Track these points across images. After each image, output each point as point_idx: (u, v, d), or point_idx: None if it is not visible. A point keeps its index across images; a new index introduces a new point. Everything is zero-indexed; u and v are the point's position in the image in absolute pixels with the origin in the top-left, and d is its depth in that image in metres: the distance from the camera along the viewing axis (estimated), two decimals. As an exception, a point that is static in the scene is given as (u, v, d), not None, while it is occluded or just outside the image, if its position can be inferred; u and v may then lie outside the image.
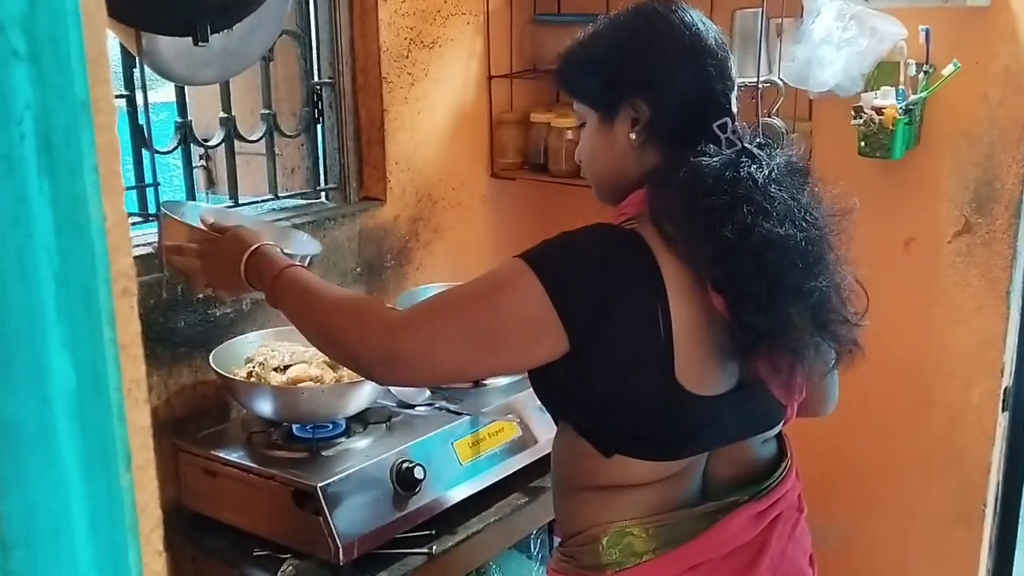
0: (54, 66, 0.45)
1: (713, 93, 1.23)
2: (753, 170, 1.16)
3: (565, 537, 1.32)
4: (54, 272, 0.47)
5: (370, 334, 1.19)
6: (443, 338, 1.16)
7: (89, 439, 0.49)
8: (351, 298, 1.32)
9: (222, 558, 1.64)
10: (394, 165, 2.24)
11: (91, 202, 0.47)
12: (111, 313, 0.49)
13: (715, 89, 1.23)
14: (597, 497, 1.25)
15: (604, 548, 1.24)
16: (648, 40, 1.23)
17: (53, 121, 0.45)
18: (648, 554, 1.23)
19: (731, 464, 1.29)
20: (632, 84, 1.24)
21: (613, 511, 1.24)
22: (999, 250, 2.09)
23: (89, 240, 0.47)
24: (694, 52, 1.22)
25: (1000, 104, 2.02)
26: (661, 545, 1.23)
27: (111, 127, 0.48)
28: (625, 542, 1.24)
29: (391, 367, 1.19)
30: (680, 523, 1.24)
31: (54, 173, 0.46)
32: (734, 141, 1.21)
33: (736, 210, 1.13)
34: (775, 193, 1.16)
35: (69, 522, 0.49)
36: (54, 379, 0.48)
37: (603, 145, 1.30)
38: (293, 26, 2.10)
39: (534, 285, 1.14)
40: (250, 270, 1.35)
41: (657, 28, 1.23)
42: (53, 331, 0.47)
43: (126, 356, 0.50)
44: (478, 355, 1.18)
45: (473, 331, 1.16)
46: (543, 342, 1.15)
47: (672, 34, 1.22)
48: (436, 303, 1.24)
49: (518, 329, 1.16)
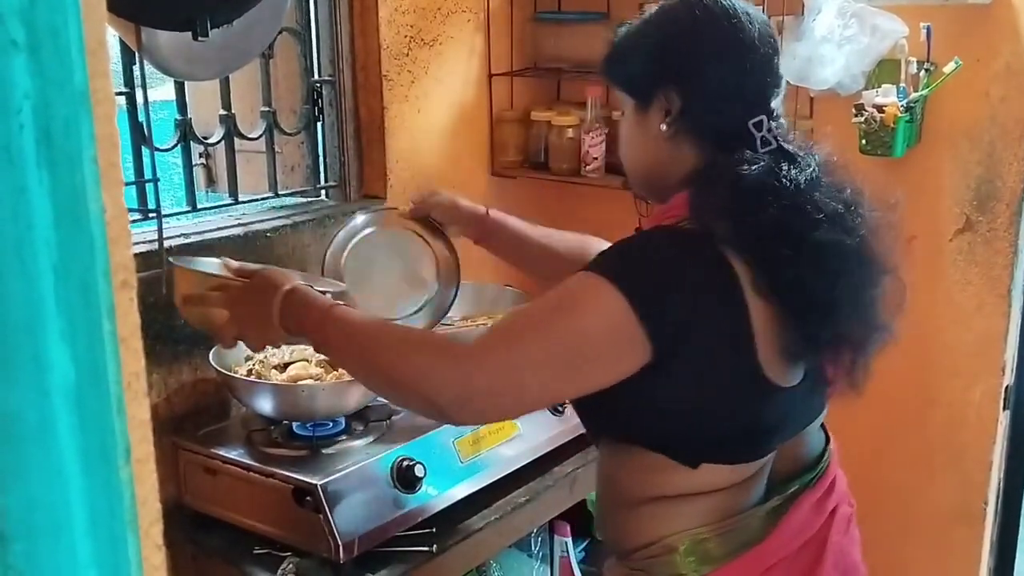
0: (53, 57, 0.45)
1: (749, 88, 1.19)
2: (795, 174, 1.14)
3: (628, 550, 1.26)
4: (53, 264, 0.46)
5: (441, 373, 1.10)
6: (523, 365, 1.09)
7: (88, 432, 0.49)
8: (413, 336, 1.22)
9: (222, 556, 1.64)
10: (394, 163, 2.24)
11: (90, 194, 0.47)
12: (111, 305, 0.48)
13: (751, 84, 1.19)
14: (671, 506, 1.21)
15: (681, 557, 1.20)
16: (685, 30, 1.20)
17: (52, 112, 0.45)
18: (724, 559, 1.21)
19: (790, 458, 1.28)
20: (666, 73, 1.21)
21: (688, 519, 1.21)
22: (1000, 248, 2.09)
23: (88, 232, 0.47)
24: (732, 44, 1.18)
25: (1001, 102, 2.02)
26: (735, 548, 1.21)
27: (110, 119, 0.48)
28: (701, 549, 1.20)
29: (470, 405, 1.10)
30: (750, 523, 1.22)
31: (53, 164, 0.45)
32: (769, 140, 1.18)
33: (784, 222, 1.11)
34: (819, 197, 1.13)
35: (68, 516, 0.49)
36: (53, 372, 0.47)
37: (638, 135, 1.26)
38: (293, 23, 2.09)
39: (613, 296, 1.08)
40: (286, 314, 1.23)
41: (696, 17, 1.19)
42: (52, 324, 0.47)
43: (126, 349, 0.50)
44: (562, 378, 1.11)
45: (554, 353, 1.09)
46: (627, 356, 1.10)
47: (712, 24, 1.18)
48: (508, 329, 1.15)
49: (601, 345, 1.10)
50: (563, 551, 2.22)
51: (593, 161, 2.40)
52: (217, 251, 1.86)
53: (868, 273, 1.16)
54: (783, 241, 1.10)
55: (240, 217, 2.02)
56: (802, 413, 1.26)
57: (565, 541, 2.22)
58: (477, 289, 2.20)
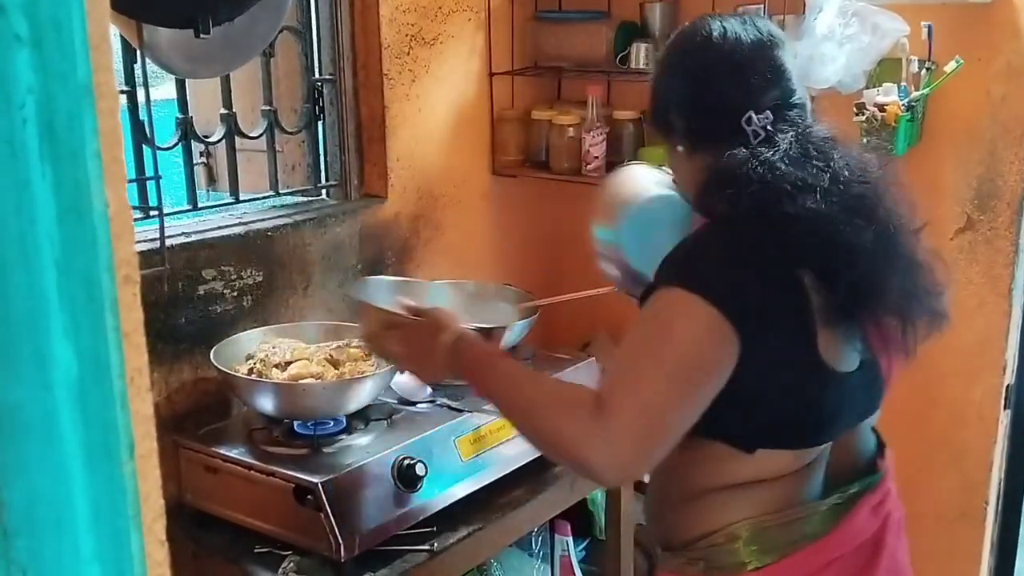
0: (56, 51, 0.45)
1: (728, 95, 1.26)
2: (770, 155, 1.19)
3: (687, 541, 1.28)
4: (56, 259, 0.46)
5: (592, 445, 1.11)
6: (650, 396, 1.12)
7: (91, 427, 0.49)
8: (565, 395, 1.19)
9: (223, 555, 1.64)
10: (395, 162, 2.24)
11: (93, 188, 0.47)
12: (114, 300, 0.48)
13: (731, 91, 1.26)
14: (730, 496, 1.24)
15: (743, 545, 1.24)
16: (675, 61, 1.32)
17: (55, 106, 0.45)
18: (785, 549, 1.24)
19: (846, 454, 1.31)
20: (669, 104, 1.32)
21: (749, 507, 1.24)
22: (1001, 247, 2.08)
23: (91, 227, 0.47)
24: (704, 64, 1.28)
25: (1002, 101, 2.02)
26: (796, 540, 1.24)
27: (113, 113, 0.48)
28: (764, 538, 1.24)
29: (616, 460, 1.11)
30: (812, 517, 1.25)
31: (56, 159, 0.45)
32: (759, 132, 1.24)
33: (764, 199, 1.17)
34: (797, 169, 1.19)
35: (71, 510, 0.49)
36: (56, 367, 0.47)
37: (677, 168, 1.37)
38: (294, 22, 2.09)
39: (695, 303, 1.13)
40: (452, 358, 1.30)
41: (671, 51, 1.33)
42: (55, 318, 0.47)
43: (128, 344, 0.50)
44: (687, 397, 1.14)
45: (673, 375, 1.12)
46: (728, 354, 1.14)
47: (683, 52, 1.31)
48: (623, 372, 1.17)
49: (708, 353, 1.13)
50: (564, 550, 2.22)
51: (594, 160, 2.39)
52: (217, 250, 1.86)
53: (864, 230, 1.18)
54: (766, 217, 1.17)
55: (241, 216, 2.02)
56: (858, 402, 1.29)
57: (566, 540, 2.22)
58: (478, 288, 2.20)
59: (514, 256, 2.63)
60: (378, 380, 1.68)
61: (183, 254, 1.80)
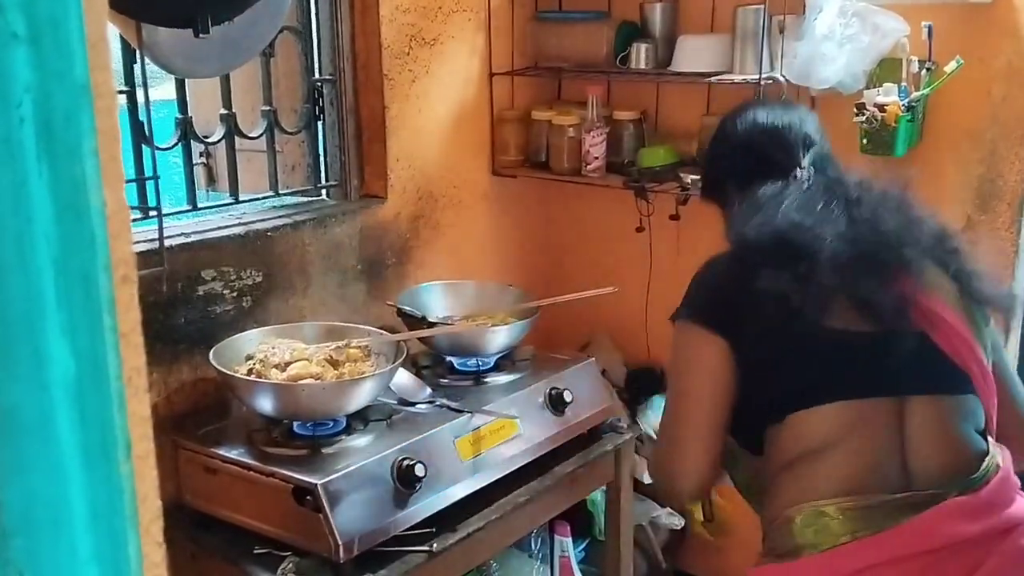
0: (54, 49, 0.45)
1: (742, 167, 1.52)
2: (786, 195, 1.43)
3: (765, 529, 1.39)
4: (54, 258, 0.46)
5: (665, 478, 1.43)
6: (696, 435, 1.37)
7: (88, 428, 0.48)
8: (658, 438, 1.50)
9: (222, 556, 1.63)
10: (395, 162, 2.23)
11: (91, 187, 0.46)
12: (111, 300, 0.48)
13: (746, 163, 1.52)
14: (786, 477, 1.33)
15: (798, 528, 1.28)
16: (714, 142, 1.61)
17: (53, 105, 0.45)
18: (845, 536, 1.25)
19: (935, 451, 1.31)
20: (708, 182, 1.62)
21: (806, 490, 1.29)
22: (1002, 248, 2.08)
23: (89, 226, 0.47)
24: (732, 146, 1.55)
25: (1003, 101, 2.01)
26: (859, 529, 1.25)
27: (111, 112, 0.48)
28: (821, 523, 1.27)
29: (678, 479, 1.40)
30: (879, 508, 1.26)
31: (54, 157, 0.45)
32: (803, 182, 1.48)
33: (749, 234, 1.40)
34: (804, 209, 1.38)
35: (69, 511, 0.49)
36: (53, 367, 0.47)
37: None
38: (294, 22, 2.09)
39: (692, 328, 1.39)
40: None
41: (724, 129, 1.59)
42: (52, 318, 0.47)
43: (126, 344, 0.50)
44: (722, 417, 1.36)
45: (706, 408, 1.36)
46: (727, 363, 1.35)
47: (735, 130, 1.55)
48: (669, 417, 1.44)
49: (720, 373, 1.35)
50: (563, 551, 2.22)
51: (594, 160, 2.39)
52: (217, 251, 1.86)
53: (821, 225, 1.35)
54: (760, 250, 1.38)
55: (240, 216, 2.02)
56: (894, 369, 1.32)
57: (565, 541, 2.22)
58: (479, 288, 2.20)
59: (514, 256, 2.63)
60: (377, 381, 1.67)
61: (183, 254, 1.80)
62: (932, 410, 1.32)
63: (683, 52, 2.31)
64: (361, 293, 2.17)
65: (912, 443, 1.31)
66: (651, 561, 2.43)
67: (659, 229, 2.47)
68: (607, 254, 2.65)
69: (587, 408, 1.99)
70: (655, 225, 2.47)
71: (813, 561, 1.27)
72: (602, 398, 2.06)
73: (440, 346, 1.98)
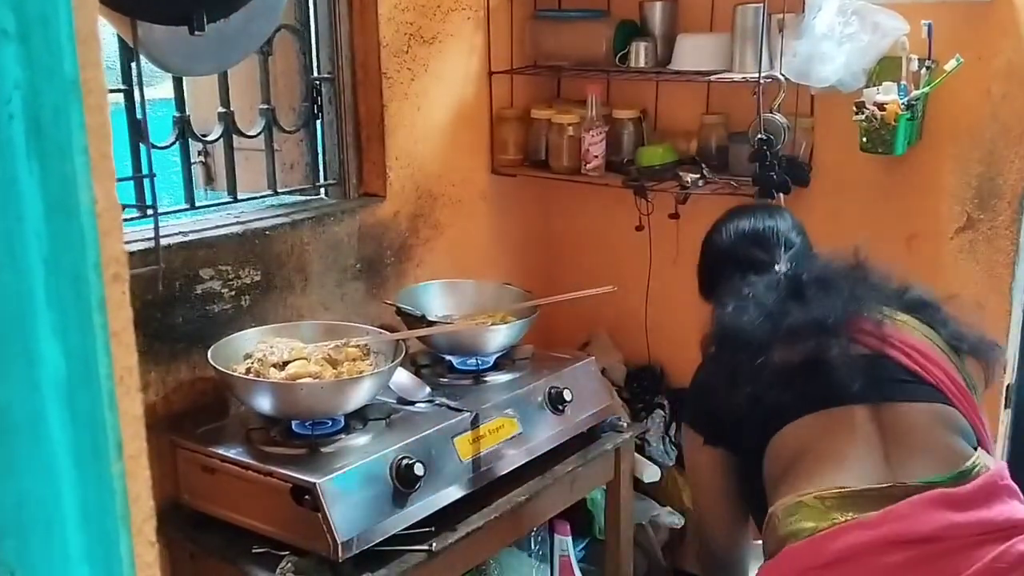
0: (43, 46, 0.44)
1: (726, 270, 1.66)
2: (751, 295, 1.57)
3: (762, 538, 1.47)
4: (44, 257, 0.46)
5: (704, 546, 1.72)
6: (713, 520, 1.64)
7: (80, 427, 0.48)
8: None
9: (221, 555, 1.63)
10: (394, 161, 2.23)
11: (81, 185, 0.46)
12: (101, 299, 0.48)
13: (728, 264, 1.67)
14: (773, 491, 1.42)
15: (780, 521, 1.33)
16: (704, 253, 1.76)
17: (42, 102, 0.45)
18: (825, 523, 1.28)
19: (913, 452, 1.35)
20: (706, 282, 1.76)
21: (788, 490, 1.37)
22: (1002, 246, 2.08)
23: (79, 224, 0.46)
24: (713, 254, 1.72)
25: (1003, 99, 2.01)
26: (842, 516, 1.28)
27: (102, 109, 0.48)
28: (801, 511, 1.32)
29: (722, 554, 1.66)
30: (862, 496, 1.29)
31: (43, 155, 0.45)
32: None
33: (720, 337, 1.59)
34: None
35: (60, 511, 0.48)
36: (44, 366, 0.47)
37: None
38: (292, 21, 2.09)
39: (689, 433, 1.62)
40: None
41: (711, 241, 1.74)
42: (43, 317, 0.46)
43: (117, 343, 0.49)
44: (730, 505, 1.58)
45: (715, 499, 1.60)
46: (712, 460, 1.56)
47: (721, 240, 1.71)
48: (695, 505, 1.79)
49: (709, 466, 1.57)
50: (563, 550, 2.21)
51: (593, 159, 2.39)
52: (215, 250, 1.86)
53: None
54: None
55: (239, 215, 2.01)
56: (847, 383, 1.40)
57: (565, 540, 2.21)
58: (478, 287, 2.19)
59: (513, 255, 2.63)
60: (376, 380, 1.67)
61: (181, 253, 1.80)
62: (904, 416, 1.39)
63: (682, 51, 2.30)
64: (360, 292, 2.16)
65: (890, 446, 1.36)
66: (651, 560, 2.43)
67: (658, 228, 2.47)
68: (606, 253, 2.65)
69: (587, 407, 1.98)
70: (654, 224, 2.46)
71: (796, 548, 1.29)
72: (602, 397, 2.05)
73: (439, 345, 1.98)
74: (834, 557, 1.25)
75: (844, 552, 1.25)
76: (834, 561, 1.25)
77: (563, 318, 2.59)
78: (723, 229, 1.73)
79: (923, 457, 1.34)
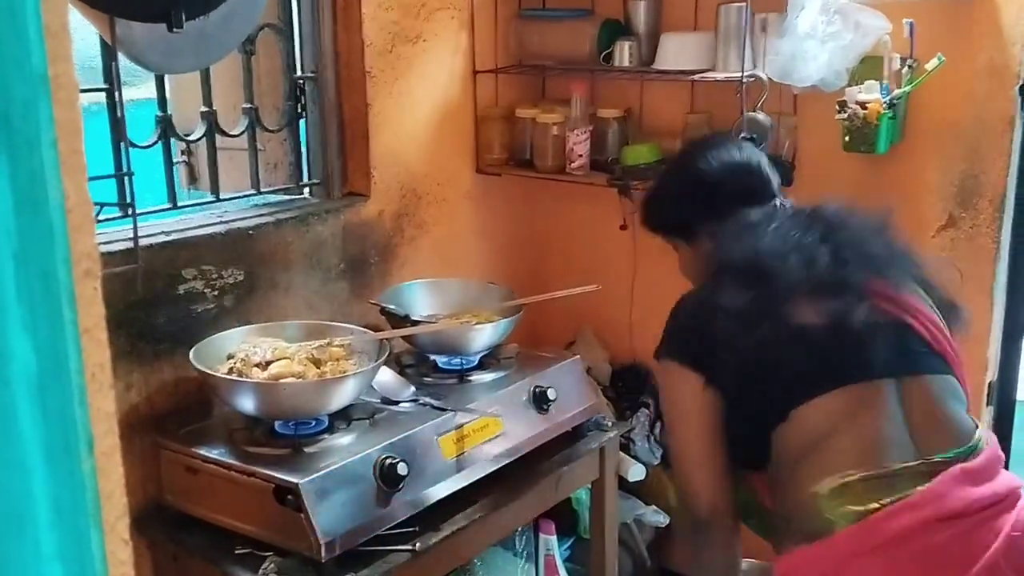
0: (11, 38, 0.44)
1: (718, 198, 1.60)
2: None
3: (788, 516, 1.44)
4: (14, 251, 0.45)
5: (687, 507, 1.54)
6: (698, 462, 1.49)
7: (50, 423, 0.48)
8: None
9: (204, 556, 1.62)
10: (378, 160, 2.22)
11: (50, 180, 0.46)
12: (71, 294, 0.47)
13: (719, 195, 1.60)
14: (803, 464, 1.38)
15: (826, 502, 1.32)
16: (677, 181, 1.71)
17: (11, 95, 0.44)
18: (873, 504, 1.29)
19: (933, 427, 1.38)
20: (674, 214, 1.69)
21: (826, 467, 1.35)
22: (983, 244, 2.09)
23: (48, 219, 0.46)
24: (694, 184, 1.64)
25: (985, 98, 2.02)
26: (883, 496, 1.30)
27: (72, 103, 0.47)
28: (848, 494, 1.31)
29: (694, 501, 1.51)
30: (898, 476, 1.31)
31: (12, 149, 0.44)
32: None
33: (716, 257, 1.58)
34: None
35: (31, 508, 0.48)
36: (14, 361, 0.46)
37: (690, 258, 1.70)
38: (275, 20, 2.08)
39: (671, 366, 1.51)
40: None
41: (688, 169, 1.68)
42: (13, 312, 0.46)
43: (89, 339, 0.49)
44: (717, 442, 1.48)
45: (702, 436, 1.48)
46: (696, 392, 1.47)
47: (707, 168, 1.62)
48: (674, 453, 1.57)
49: (697, 401, 1.47)
50: (548, 549, 2.21)
51: (578, 158, 2.39)
52: (198, 249, 1.85)
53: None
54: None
55: (222, 215, 2.00)
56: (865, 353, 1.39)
57: (550, 539, 2.21)
58: (463, 286, 2.19)
59: (498, 254, 2.62)
60: (360, 379, 1.66)
61: (163, 253, 1.79)
62: (925, 389, 1.42)
63: (666, 50, 2.31)
64: (344, 292, 2.16)
65: (913, 420, 1.38)
66: (636, 559, 2.43)
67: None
68: (591, 252, 2.65)
69: (572, 406, 1.98)
70: (639, 223, 2.46)
71: (848, 533, 1.30)
72: (587, 396, 2.05)
73: (424, 344, 1.97)
74: (885, 540, 1.28)
75: (897, 535, 1.28)
76: (883, 544, 1.28)
77: (548, 317, 2.60)
78: (706, 156, 1.63)
79: (939, 431, 1.39)
